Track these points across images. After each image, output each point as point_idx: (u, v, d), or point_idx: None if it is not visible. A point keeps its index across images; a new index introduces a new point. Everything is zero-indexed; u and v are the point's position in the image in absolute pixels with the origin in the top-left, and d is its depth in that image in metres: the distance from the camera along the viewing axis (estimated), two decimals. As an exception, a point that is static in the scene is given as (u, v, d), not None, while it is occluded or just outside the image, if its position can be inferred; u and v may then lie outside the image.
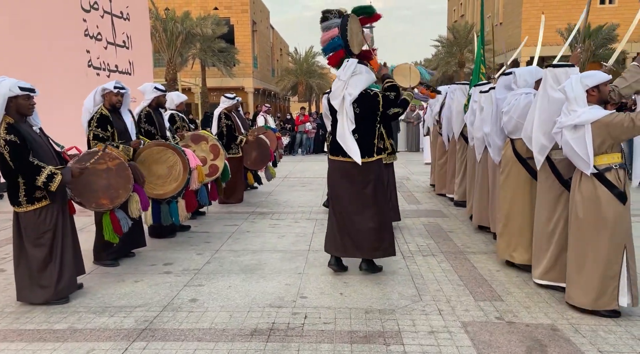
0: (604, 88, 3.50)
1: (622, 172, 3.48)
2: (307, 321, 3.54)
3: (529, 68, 4.59)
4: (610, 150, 3.43)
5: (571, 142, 3.46)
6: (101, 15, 10.89)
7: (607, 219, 3.45)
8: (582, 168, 3.50)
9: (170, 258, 5.07)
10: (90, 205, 4.31)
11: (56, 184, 3.72)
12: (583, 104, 3.45)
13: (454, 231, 6.08)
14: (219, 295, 4.05)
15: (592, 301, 3.52)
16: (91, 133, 4.68)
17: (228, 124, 7.70)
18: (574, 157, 3.53)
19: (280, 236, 5.95)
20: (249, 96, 32.07)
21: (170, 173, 5.22)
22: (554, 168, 3.89)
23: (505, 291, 4.08)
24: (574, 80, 3.49)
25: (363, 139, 4.28)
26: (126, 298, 3.99)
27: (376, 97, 4.29)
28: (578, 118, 3.41)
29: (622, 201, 3.44)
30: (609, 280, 3.46)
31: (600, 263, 3.48)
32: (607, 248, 3.46)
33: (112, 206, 4.39)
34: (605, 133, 3.38)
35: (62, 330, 3.41)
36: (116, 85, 4.85)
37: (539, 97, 3.94)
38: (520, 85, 4.52)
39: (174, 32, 23.74)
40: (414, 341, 3.23)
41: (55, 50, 9.03)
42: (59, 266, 3.86)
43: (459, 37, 31.68)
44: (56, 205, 3.87)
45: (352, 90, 4.20)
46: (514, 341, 3.20)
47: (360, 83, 4.22)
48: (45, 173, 3.68)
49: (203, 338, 3.30)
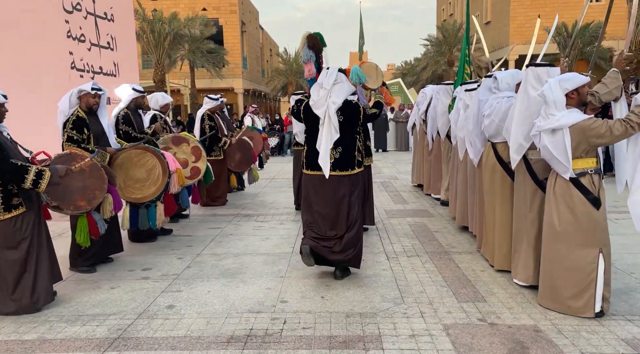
0: (582, 90, 3.45)
1: (597, 177, 3.45)
2: (286, 327, 3.45)
3: (511, 72, 4.56)
4: (586, 154, 3.40)
5: (549, 145, 3.41)
6: (84, 16, 10.74)
7: (580, 224, 3.41)
8: (561, 172, 3.45)
9: (149, 263, 4.96)
10: (69, 208, 4.20)
11: (46, 181, 3.61)
12: (562, 108, 3.39)
13: (440, 231, 6.02)
14: (197, 301, 3.95)
15: (567, 307, 3.48)
16: (65, 135, 4.56)
17: (211, 125, 7.57)
18: (552, 161, 3.48)
19: (264, 239, 5.85)
20: (239, 97, 31.92)
21: (149, 176, 5.11)
22: (530, 168, 3.86)
23: (489, 291, 4.02)
24: (552, 84, 3.42)
25: (346, 151, 4.22)
26: (100, 306, 3.88)
27: (358, 107, 4.27)
28: (557, 122, 3.36)
29: (596, 207, 3.40)
30: (584, 287, 3.41)
31: (575, 269, 3.44)
32: (581, 253, 3.42)
33: (90, 208, 4.30)
34: (581, 137, 3.33)
35: (31, 341, 3.30)
36: (93, 86, 4.73)
37: (519, 97, 3.90)
38: (502, 88, 4.46)
39: (162, 33, 23.52)
40: (394, 345, 3.16)
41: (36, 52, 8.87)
42: (34, 276, 3.73)
43: (448, 36, 31.75)
44: (33, 212, 3.75)
45: (335, 98, 4.14)
46: (495, 344, 3.13)
47: (343, 92, 4.19)
48: (33, 170, 3.57)
49: (177, 346, 3.20)
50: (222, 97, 8.22)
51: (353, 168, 4.27)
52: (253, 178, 8.79)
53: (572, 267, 3.44)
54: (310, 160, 4.29)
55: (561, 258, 3.49)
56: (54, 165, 3.83)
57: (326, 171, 4.16)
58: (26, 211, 3.68)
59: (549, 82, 3.45)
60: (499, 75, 4.50)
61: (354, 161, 4.28)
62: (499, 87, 4.47)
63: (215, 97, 7.83)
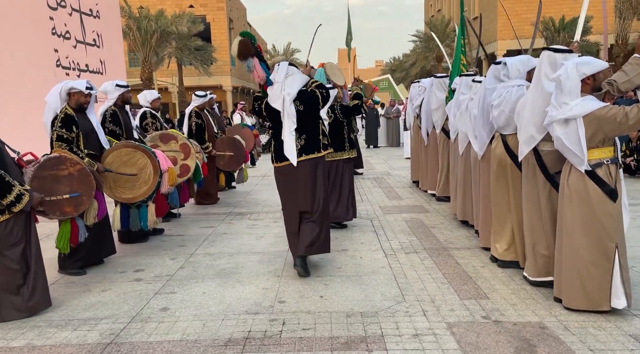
0: (599, 76, 3.29)
1: (614, 167, 3.30)
2: (285, 328, 3.35)
3: (521, 58, 4.31)
4: (602, 144, 3.25)
5: (562, 136, 3.27)
6: (69, 13, 10.50)
7: (596, 218, 3.29)
8: (576, 164, 3.30)
9: (141, 264, 4.82)
10: (55, 213, 4.04)
11: (21, 206, 3.47)
12: (576, 95, 3.23)
13: (437, 227, 5.94)
14: (192, 303, 3.83)
15: (583, 301, 3.36)
16: (54, 134, 4.38)
17: (198, 123, 7.39)
18: (566, 152, 3.34)
19: (258, 238, 5.74)
20: (228, 94, 31.67)
21: (140, 176, 4.97)
22: (540, 160, 3.70)
23: (491, 288, 3.94)
24: (569, 68, 3.24)
25: (310, 137, 4.40)
26: (92, 310, 3.74)
27: (314, 93, 4.40)
28: (570, 112, 3.20)
29: (613, 199, 3.27)
30: (600, 281, 3.30)
31: (591, 263, 3.32)
32: (597, 247, 3.30)
33: (76, 214, 4.15)
34: (596, 127, 3.18)
35: (19, 348, 3.15)
36: (87, 85, 4.59)
37: (532, 84, 3.71)
38: (512, 76, 4.22)
39: (149, 30, 23.22)
40: (397, 345, 3.06)
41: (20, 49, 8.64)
42: (33, 281, 3.59)
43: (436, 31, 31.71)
44: (23, 216, 3.59)
45: (290, 89, 4.30)
46: (501, 342, 3.05)
47: (296, 83, 4.36)
48: (15, 192, 3.44)
49: (173, 350, 3.07)
50: (211, 93, 8.07)
51: (319, 151, 4.44)
52: (242, 178, 8.64)
53: (587, 261, 3.32)
54: (278, 153, 4.43)
55: (576, 252, 3.37)
56: (32, 192, 3.64)
57: (293, 159, 4.31)
58: (16, 216, 3.52)
59: (566, 65, 3.27)
60: (509, 61, 4.25)
61: (319, 144, 4.45)
62: (509, 75, 4.23)
63: (202, 94, 7.69)
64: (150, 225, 5.27)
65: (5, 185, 3.41)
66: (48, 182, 3.94)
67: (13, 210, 3.47)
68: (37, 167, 3.91)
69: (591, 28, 24.09)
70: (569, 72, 3.24)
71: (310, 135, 4.39)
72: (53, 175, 3.99)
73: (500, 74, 4.35)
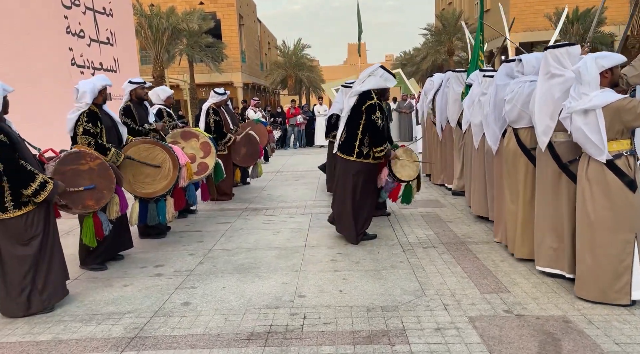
0: (616, 70, 3.33)
1: (632, 159, 3.32)
2: (307, 322, 3.36)
3: (536, 54, 4.35)
4: (621, 136, 3.27)
5: (583, 127, 3.28)
6: (83, 11, 10.59)
7: (616, 209, 3.28)
8: (595, 155, 3.31)
9: (161, 260, 4.87)
10: (77, 207, 4.09)
11: (46, 194, 3.52)
12: (596, 87, 3.26)
13: (453, 221, 5.92)
14: (213, 297, 3.86)
15: (602, 294, 3.36)
16: (81, 128, 4.41)
17: (216, 120, 7.44)
18: (586, 144, 3.34)
19: (275, 233, 5.76)
20: (238, 91, 31.71)
21: (160, 171, 5.01)
22: (553, 151, 3.71)
23: (511, 282, 3.92)
24: (588, 61, 3.27)
25: (348, 136, 5.03)
26: (115, 304, 3.79)
27: (369, 107, 4.90)
28: (590, 103, 3.22)
29: (632, 190, 3.28)
30: (620, 273, 3.30)
31: (610, 255, 3.32)
32: (616, 239, 3.29)
33: (98, 208, 4.19)
34: (615, 118, 3.20)
35: (46, 342, 3.21)
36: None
37: (539, 79, 3.77)
38: (527, 71, 4.27)
39: (160, 28, 23.30)
40: (420, 339, 3.06)
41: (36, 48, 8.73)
42: (45, 274, 3.64)
43: (448, 25, 31.45)
44: (43, 209, 3.65)
45: (360, 86, 4.93)
46: (525, 336, 3.04)
47: (369, 83, 4.91)
48: (39, 180, 3.49)
49: (197, 344, 3.11)
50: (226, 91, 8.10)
51: (351, 155, 5.01)
52: (257, 173, 8.66)
53: (606, 254, 3.32)
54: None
55: (596, 244, 3.37)
56: (56, 180, 3.70)
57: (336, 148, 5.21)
58: (36, 208, 3.58)
59: (584, 59, 3.31)
60: (525, 57, 4.32)
61: (353, 150, 4.98)
62: (524, 71, 4.29)
63: (221, 92, 7.72)
64: (169, 218, 5.29)
65: (28, 173, 3.46)
66: (69, 177, 3.99)
67: (37, 199, 3.50)
68: (58, 162, 3.96)
69: (605, 19, 23.74)
70: (588, 64, 3.27)
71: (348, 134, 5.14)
72: (74, 169, 4.04)
73: (514, 71, 4.40)
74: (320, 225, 5.97)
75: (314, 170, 11.22)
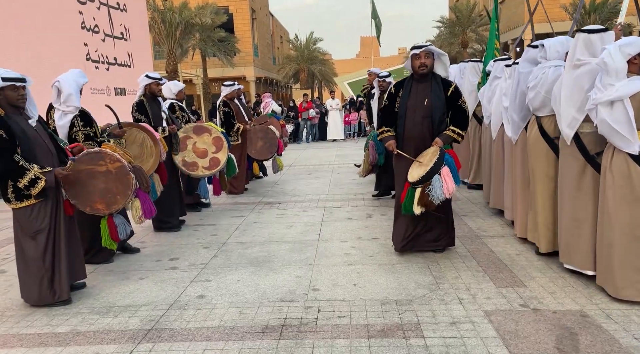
0: None
1: None
2: (321, 316, 3.36)
3: (560, 39, 4.21)
4: None
5: (608, 119, 3.17)
6: (97, 7, 10.67)
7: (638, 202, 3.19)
8: (624, 147, 3.19)
9: (176, 253, 4.91)
10: (85, 208, 4.02)
11: (37, 189, 3.48)
12: (623, 76, 3.14)
13: (468, 215, 5.87)
14: (228, 290, 3.88)
15: (623, 289, 3.29)
16: (80, 134, 4.35)
17: (225, 111, 7.51)
18: (612, 136, 3.22)
19: (288, 226, 5.77)
20: (251, 85, 31.76)
21: (143, 150, 5.08)
22: (579, 142, 3.59)
23: (528, 276, 3.88)
24: (612, 50, 3.15)
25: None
26: (131, 297, 3.83)
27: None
28: (616, 93, 3.11)
29: None
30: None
31: (633, 251, 3.24)
32: (638, 233, 3.21)
33: (108, 212, 4.10)
34: None
35: (65, 333, 3.26)
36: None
37: (566, 66, 3.63)
38: (550, 57, 4.12)
39: (173, 22, 23.39)
40: (435, 333, 3.05)
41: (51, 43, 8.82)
42: (51, 272, 3.65)
43: (462, 16, 31.11)
44: (49, 205, 3.64)
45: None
46: (542, 330, 3.01)
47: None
48: (29, 176, 3.44)
49: (212, 337, 3.13)
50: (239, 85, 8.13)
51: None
52: (277, 167, 8.65)
53: (630, 249, 3.25)
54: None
55: (619, 240, 3.29)
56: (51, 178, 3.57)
57: None
58: (40, 202, 3.59)
59: (608, 48, 3.20)
60: (547, 42, 4.16)
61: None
62: (547, 56, 4.13)
63: (229, 83, 7.81)
64: (159, 191, 5.21)
65: (18, 169, 3.44)
66: (83, 176, 3.93)
67: (31, 193, 3.50)
68: (76, 160, 3.93)
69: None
70: (613, 54, 3.15)
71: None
72: (89, 170, 3.96)
73: (538, 57, 4.25)
74: (333, 219, 5.97)
75: (326, 164, 11.22)
